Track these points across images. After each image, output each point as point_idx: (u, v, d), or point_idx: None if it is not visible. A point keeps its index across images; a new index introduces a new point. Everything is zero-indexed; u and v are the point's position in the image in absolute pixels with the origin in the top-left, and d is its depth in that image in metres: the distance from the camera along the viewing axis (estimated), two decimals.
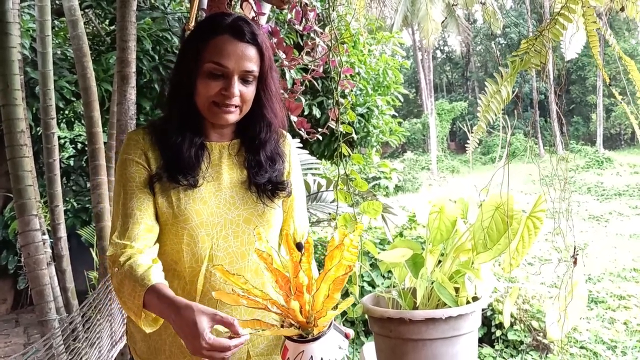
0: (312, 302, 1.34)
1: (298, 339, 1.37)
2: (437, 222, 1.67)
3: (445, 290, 1.55)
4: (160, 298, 1.37)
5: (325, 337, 1.36)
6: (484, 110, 1.38)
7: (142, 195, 1.54)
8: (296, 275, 1.34)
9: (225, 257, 1.57)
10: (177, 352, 1.57)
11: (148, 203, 1.54)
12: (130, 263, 1.44)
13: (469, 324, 1.54)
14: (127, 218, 1.51)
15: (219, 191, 1.59)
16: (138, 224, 1.51)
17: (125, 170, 1.56)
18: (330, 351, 1.37)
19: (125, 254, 1.46)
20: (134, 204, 1.53)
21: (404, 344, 1.52)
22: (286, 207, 1.72)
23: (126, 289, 1.41)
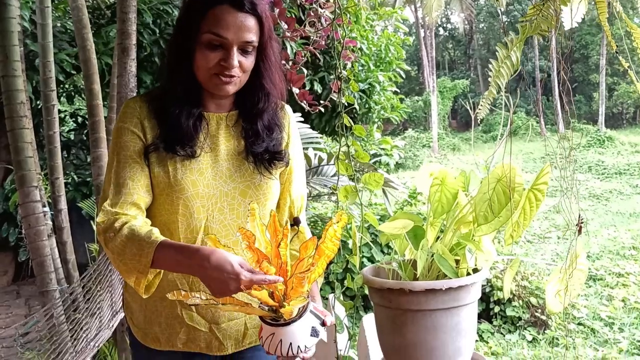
0: (285, 288, 1.35)
1: (270, 321, 1.38)
2: (438, 195, 1.66)
3: (445, 262, 1.55)
4: (179, 249, 1.38)
5: (295, 324, 1.38)
6: (495, 75, 1.37)
7: (135, 165, 1.53)
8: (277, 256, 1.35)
9: (221, 229, 1.57)
10: (174, 322, 1.57)
11: (141, 173, 1.53)
12: (129, 226, 1.44)
13: (469, 295, 1.54)
14: (120, 187, 1.51)
15: (215, 162, 1.59)
16: (130, 195, 1.51)
17: (119, 138, 1.55)
18: (300, 338, 1.38)
19: (120, 220, 1.46)
20: (126, 174, 1.52)
21: (404, 314, 1.53)
22: (283, 180, 1.71)
23: (129, 250, 1.41)
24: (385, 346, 1.62)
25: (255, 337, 1.64)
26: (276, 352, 1.39)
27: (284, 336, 1.37)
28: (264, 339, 1.40)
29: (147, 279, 1.42)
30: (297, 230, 1.71)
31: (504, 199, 1.53)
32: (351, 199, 1.60)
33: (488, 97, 1.40)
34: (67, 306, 3.19)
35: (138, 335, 1.63)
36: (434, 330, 1.52)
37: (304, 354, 1.41)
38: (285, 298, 1.36)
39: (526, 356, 6.52)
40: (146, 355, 1.63)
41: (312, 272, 1.36)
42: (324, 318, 1.44)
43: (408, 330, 1.53)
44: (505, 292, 1.59)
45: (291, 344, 1.38)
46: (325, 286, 5.99)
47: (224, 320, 1.57)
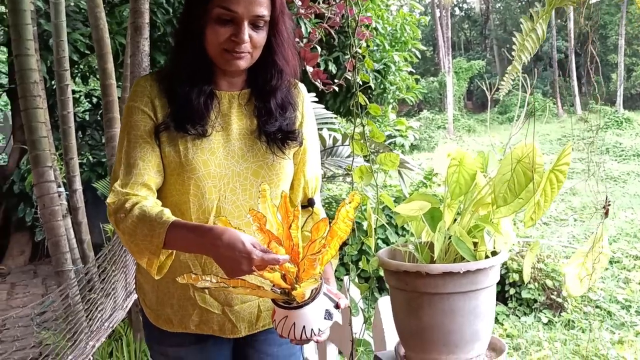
0: (297, 270, 1.32)
1: (283, 304, 1.35)
2: (456, 176, 1.62)
3: (463, 245, 1.52)
4: (191, 229, 1.36)
5: (308, 307, 1.35)
6: (519, 50, 1.32)
7: (145, 145, 1.50)
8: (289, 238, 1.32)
9: (233, 210, 1.54)
10: (187, 304, 1.56)
11: (152, 154, 1.51)
12: (140, 207, 1.42)
13: (487, 278, 1.50)
14: (130, 168, 1.48)
15: (227, 142, 1.55)
16: (141, 175, 1.48)
17: (130, 118, 1.53)
18: (314, 320, 1.36)
19: (131, 201, 1.44)
20: (137, 154, 1.49)
21: (420, 297, 1.50)
22: (297, 160, 1.68)
23: (140, 231, 1.39)
24: (401, 329, 1.59)
25: (269, 320, 1.63)
26: (289, 335, 1.37)
27: (297, 319, 1.35)
28: (276, 322, 1.38)
29: (160, 260, 1.41)
30: (312, 212, 1.69)
31: (524, 180, 1.49)
32: (366, 180, 1.57)
33: (511, 72, 1.36)
34: (82, 286, 3.19)
35: (151, 316, 1.62)
36: (451, 313, 1.49)
37: (318, 337, 1.39)
38: (297, 280, 1.34)
39: (542, 339, 6.50)
40: (159, 337, 1.62)
41: (324, 254, 1.34)
42: (338, 300, 1.41)
43: (424, 314, 1.50)
44: (525, 276, 1.56)
45: (304, 327, 1.35)
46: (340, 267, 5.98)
47: (237, 302, 1.56)
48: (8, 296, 6.04)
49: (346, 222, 1.36)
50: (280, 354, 1.68)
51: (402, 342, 1.62)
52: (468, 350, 1.52)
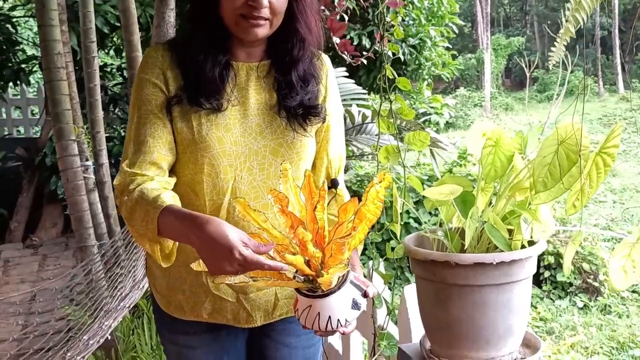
0: (322, 255, 1.21)
1: (306, 292, 1.25)
2: (492, 157, 1.49)
3: (497, 232, 1.39)
4: (179, 217, 1.24)
5: (334, 296, 1.24)
6: (574, 9, 1.19)
7: (157, 121, 1.40)
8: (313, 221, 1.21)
9: (250, 190, 1.43)
10: (199, 290, 1.46)
11: (163, 130, 1.40)
12: (140, 188, 1.32)
13: (523, 270, 1.38)
14: (140, 145, 1.39)
15: (244, 117, 1.44)
16: (150, 153, 1.38)
17: (140, 91, 1.42)
18: (340, 310, 1.25)
19: (135, 182, 1.34)
20: (147, 130, 1.39)
21: (449, 288, 1.38)
22: (320, 137, 1.56)
23: (138, 215, 1.29)
24: (427, 322, 1.48)
25: (287, 309, 1.52)
26: (313, 326, 1.26)
27: (322, 309, 1.24)
28: (299, 312, 1.27)
29: (166, 246, 1.31)
30: (335, 193, 1.57)
31: (567, 163, 1.35)
32: (393, 160, 1.45)
33: (564, 36, 1.22)
34: (106, 260, 3.15)
35: (161, 302, 1.53)
36: (483, 306, 1.37)
37: (344, 328, 1.28)
38: (322, 266, 1.23)
39: (576, 323, 6.36)
40: (169, 324, 1.54)
41: (353, 238, 1.22)
42: (366, 289, 1.30)
43: (453, 306, 1.39)
44: (566, 269, 1.42)
45: (330, 317, 1.24)
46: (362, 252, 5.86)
47: (253, 290, 1.46)
48: (39, 268, 6.09)
49: (376, 203, 1.24)
50: (299, 345, 1.58)
51: (428, 335, 1.51)
52: (500, 347, 1.40)
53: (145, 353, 2.99)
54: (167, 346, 1.59)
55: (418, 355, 1.53)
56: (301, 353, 1.59)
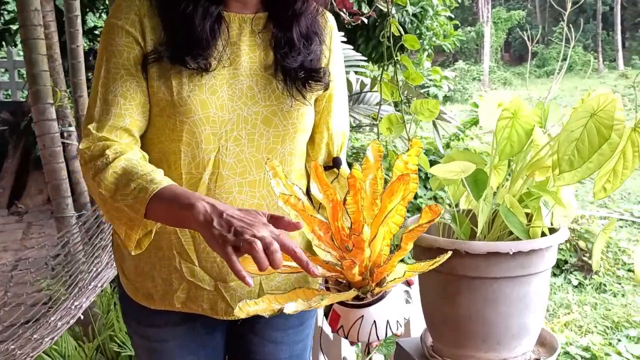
0: (371, 254, 1.03)
1: (354, 302, 1.05)
2: (508, 131, 1.30)
3: (514, 218, 1.21)
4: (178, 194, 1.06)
5: (389, 296, 1.04)
6: None
7: (129, 79, 1.20)
8: (336, 219, 1.02)
9: (235, 164, 1.23)
10: (171, 277, 1.27)
11: (137, 90, 1.20)
12: (127, 158, 1.13)
13: (542, 261, 1.21)
14: (108, 106, 1.18)
15: (234, 78, 1.23)
16: (122, 117, 1.18)
17: (111, 40, 1.21)
18: (396, 310, 1.06)
19: (113, 149, 1.15)
20: (118, 89, 1.19)
21: (457, 280, 1.20)
22: (320, 107, 1.35)
23: (123, 190, 1.10)
24: (430, 317, 1.31)
25: None
26: (370, 337, 1.07)
27: (377, 316, 1.05)
28: (347, 328, 1.07)
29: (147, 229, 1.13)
30: (337, 174, 1.38)
31: (597, 139, 1.17)
32: (396, 132, 1.26)
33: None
34: (84, 233, 2.97)
35: (128, 288, 1.34)
36: (495, 302, 1.20)
37: (402, 328, 1.11)
38: (372, 272, 1.04)
39: (571, 301, 6.26)
40: (137, 313, 1.36)
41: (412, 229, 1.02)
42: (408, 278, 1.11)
43: (461, 301, 1.21)
44: (595, 263, 1.26)
45: (388, 321, 1.06)
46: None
47: (234, 277, 1.26)
48: (23, 235, 5.92)
49: (412, 177, 1.05)
50: (287, 340, 1.41)
51: (430, 331, 1.34)
52: (513, 347, 1.24)
53: (123, 332, 2.82)
54: (135, 339, 1.41)
55: (419, 352, 1.36)
56: (288, 349, 1.41)
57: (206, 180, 1.22)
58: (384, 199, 1.03)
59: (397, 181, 1.01)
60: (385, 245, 1.05)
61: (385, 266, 1.03)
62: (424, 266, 1.02)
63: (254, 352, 1.40)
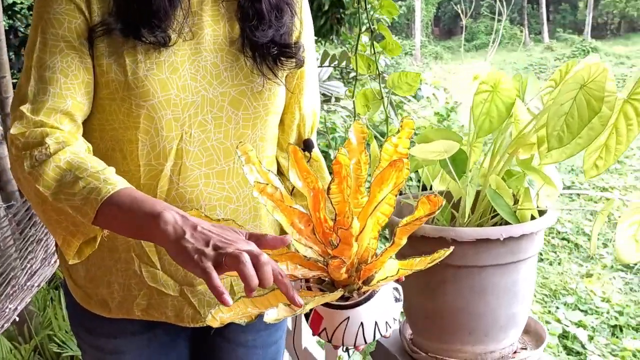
0: (358, 249, 0.90)
1: (339, 302, 0.92)
2: (487, 105, 1.21)
3: (501, 200, 1.12)
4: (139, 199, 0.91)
5: (378, 295, 0.92)
6: None
7: (70, 53, 1.02)
8: (317, 210, 0.90)
9: (201, 153, 1.08)
10: (129, 283, 1.11)
11: (79, 66, 1.02)
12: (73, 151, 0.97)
13: (532, 246, 1.12)
14: (45, 84, 1.00)
15: (197, 54, 1.07)
16: (62, 98, 1.01)
17: (47, 7, 1.02)
18: (386, 310, 0.94)
19: (55, 137, 0.97)
20: (57, 64, 1.01)
21: (442, 270, 1.10)
22: (292, 86, 1.20)
23: (68, 188, 0.93)
24: (412, 311, 1.21)
25: None
26: (357, 341, 0.94)
27: (364, 317, 0.92)
28: (330, 331, 0.94)
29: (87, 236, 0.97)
30: (309, 157, 1.24)
31: (587, 113, 1.08)
32: (373, 109, 1.14)
33: None
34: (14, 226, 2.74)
35: (78, 295, 1.17)
36: (483, 292, 1.11)
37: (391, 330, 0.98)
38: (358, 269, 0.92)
39: None
40: (88, 323, 1.18)
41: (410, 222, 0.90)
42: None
43: (446, 292, 1.12)
44: (593, 246, 1.18)
45: (377, 322, 0.93)
46: None
47: (201, 280, 1.11)
48: None
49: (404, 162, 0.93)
50: (259, 344, 1.27)
51: (411, 326, 1.24)
52: (501, 339, 1.15)
53: (64, 331, 2.62)
54: (86, 351, 1.24)
55: (398, 347, 1.26)
56: (261, 353, 1.28)
57: (168, 172, 1.06)
58: (373, 188, 0.92)
59: (388, 168, 0.90)
60: (373, 238, 0.94)
61: (374, 262, 0.91)
62: (420, 262, 0.91)
63: (223, 359, 1.26)
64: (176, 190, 1.06)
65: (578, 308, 6.06)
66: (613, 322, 5.78)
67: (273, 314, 0.83)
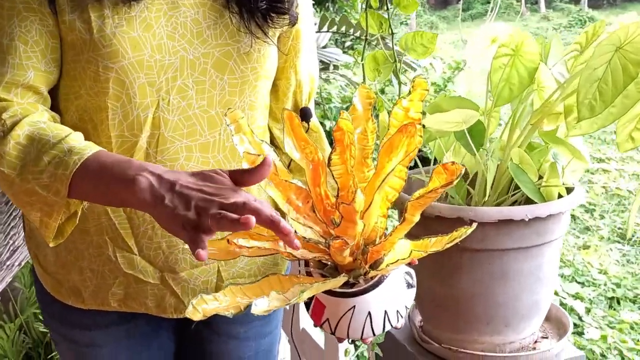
0: (364, 229, 0.79)
1: (343, 289, 0.80)
2: (508, 70, 1.09)
3: (525, 176, 1.00)
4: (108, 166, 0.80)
5: (388, 280, 0.80)
6: None
7: (29, 15, 0.88)
8: (318, 185, 0.78)
9: (182, 123, 0.95)
10: (103, 269, 1.00)
11: (40, 30, 0.89)
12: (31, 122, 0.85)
13: (558, 226, 1.02)
14: (4, 54, 0.87)
15: (174, 9, 0.94)
16: (23, 70, 0.88)
17: None
18: (396, 297, 0.82)
19: (11, 111, 0.86)
20: (14, 30, 0.88)
21: (459, 254, 1.00)
22: (286, 47, 1.07)
23: (32, 166, 0.82)
24: (422, 297, 1.10)
25: None
26: (364, 333, 0.82)
27: (373, 305, 0.81)
28: (334, 321, 0.82)
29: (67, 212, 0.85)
30: (307, 128, 1.12)
31: (622, 78, 0.97)
32: (384, 74, 1.02)
33: None
34: None
35: (47, 283, 1.06)
36: (503, 278, 1.00)
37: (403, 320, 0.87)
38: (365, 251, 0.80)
39: None
40: (61, 314, 1.07)
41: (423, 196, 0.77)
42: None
43: (463, 279, 1.01)
44: (630, 227, 1.07)
45: (386, 312, 0.82)
46: None
47: (185, 266, 0.99)
48: None
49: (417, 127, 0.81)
50: (251, 335, 1.15)
51: (422, 314, 1.14)
52: (522, 329, 1.05)
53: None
54: (60, 343, 1.13)
55: (407, 336, 1.16)
56: (254, 345, 1.16)
57: (144, 144, 0.93)
58: (381, 158, 0.80)
59: (398, 133, 0.78)
60: (381, 216, 0.83)
61: (382, 243, 0.80)
62: (436, 243, 0.80)
63: (214, 353, 1.15)
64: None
65: (575, 280, 6.00)
66: (610, 294, 5.73)
67: (263, 305, 0.72)
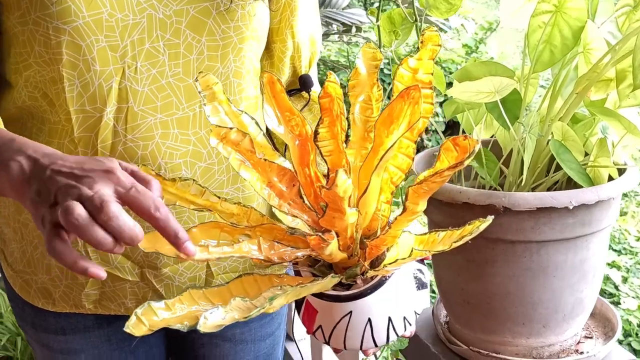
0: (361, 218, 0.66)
1: (338, 292, 0.68)
2: (549, 30, 0.93)
3: (569, 155, 0.86)
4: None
5: (391, 281, 0.67)
6: None
7: None
8: (306, 164, 0.65)
9: (154, 95, 0.81)
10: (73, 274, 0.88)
11: None
12: None
13: (607, 214, 0.87)
14: None
15: None
16: None
17: None
18: (403, 301, 0.70)
19: None
20: None
21: (492, 247, 0.86)
22: (279, 5, 0.93)
23: None
24: (449, 293, 0.97)
25: None
26: (365, 344, 0.70)
27: (374, 311, 0.68)
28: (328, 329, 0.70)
29: None
30: (308, 99, 0.98)
31: None
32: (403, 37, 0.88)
33: None
34: None
35: (15, 283, 0.93)
36: (543, 273, 0.86)
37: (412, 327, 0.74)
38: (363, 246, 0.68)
39: None
40: (33, 317, 0.95)
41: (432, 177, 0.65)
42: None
43: (495, 273, 0.87)
44: None
45: (390, 319, 0.69)
46: None
47: (167, 261, 0.87)
48: None
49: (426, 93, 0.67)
50: (249, 338, 1.03)
51: (449, 311, 1.01)
52: (563, 330, 0.91)
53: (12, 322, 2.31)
54: (35, 349, 1.01)
55: (430, 333, 1.03)
56: (252, 348, 1.04)
57: (110, 120, 0.79)
58: (379, 129, 0.66)
59: (398, 99, 0.64)
60: (384, 202, 0.69)
61: (383, 236, 0.67)
62: (445, 240, 0.66)
63: (206, 357, 1.03)
64: (123, 145, 0.80)
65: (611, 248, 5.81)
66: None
67: (216, 317, 0.59)
